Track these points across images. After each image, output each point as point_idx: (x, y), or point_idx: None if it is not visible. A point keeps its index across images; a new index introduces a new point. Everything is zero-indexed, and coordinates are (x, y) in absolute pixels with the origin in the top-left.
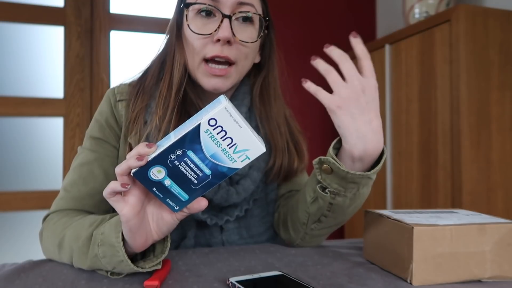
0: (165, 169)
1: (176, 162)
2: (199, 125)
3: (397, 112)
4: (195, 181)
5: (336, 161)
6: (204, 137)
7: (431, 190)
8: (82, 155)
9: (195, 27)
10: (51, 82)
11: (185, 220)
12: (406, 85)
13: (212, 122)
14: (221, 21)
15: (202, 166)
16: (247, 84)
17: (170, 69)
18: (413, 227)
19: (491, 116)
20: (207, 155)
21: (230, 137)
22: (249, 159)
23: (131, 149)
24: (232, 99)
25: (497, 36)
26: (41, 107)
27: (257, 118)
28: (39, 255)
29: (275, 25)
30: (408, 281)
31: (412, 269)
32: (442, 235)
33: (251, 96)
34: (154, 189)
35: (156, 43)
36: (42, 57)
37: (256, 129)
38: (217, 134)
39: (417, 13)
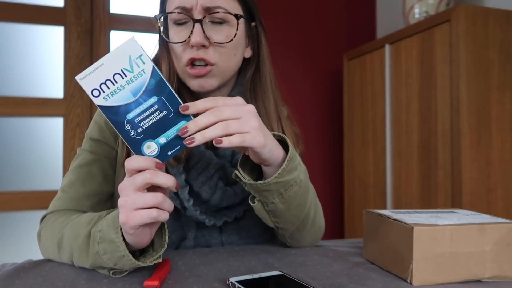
0: (145, 141)
1: (139, 129)
2: (99, 107)
3: (397, 112)
4: (165, 112)
5: (239, 174)
6: (112, 102)
7: (431, 190)
8: (81, 157)
9: (173, 36)
10: (51, 82)
11: (184, 221)
12: (406, 85)
13: (96, 93)
14: (193, 27)
15: (146, 105)
16: (241, 83)
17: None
18: (413, 227)
19: (491, 116)
20: (134, 99)
21: (115, 74)
22: (142, 55)
23: (128, 152)
24: None
25: (497, 36)
26: (41, 107)
27: None
28: (39, 255)
29: (275, 25)
30: (408, 281)
31: (412, 269)
32: (442, 235)
33: (245, 94)
34: (168, 153)
35: (155, 43)
36: (42, 57)
37: None
38: (109, 88)
39: (417, 13)
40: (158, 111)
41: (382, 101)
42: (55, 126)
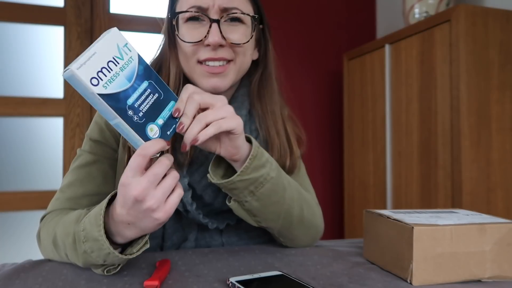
0: (147, 124)
1: (140, 113)
2: (92, 92)
3: (397, 112)
4: (156, 95)
5: (209, 174)
6: (111, 89)
7: (431, 190)
8: (81, 158)
9: (185, 35)
10: (51, 82)
11: (186, 223)
12: (406, 85)
13: (95, 81)
14: (210, 26)
15: (140, 89)
16: (246, 85)
17: (167, 74)
18: (413, 227)
19: (491, 116)
20: (130, 85)
21: (108, 61)
22: (127, 43)
23: (129, 153)
24: (232, 101)
25: (497, 36)
26: (41, 107)
27: (255, 120)
28: (39, 255)
29: (275, 25)
30: (408, 281)
31: (412, 269)
32: (442, 235)
33: (250, 96)
34: (168, 133)
35: (156, 43)
36: (42, 57)
37: (256, 131)
38: (106, 76)
39: (417, 13)
40: (151, 94)
41: (382, 101)
42: (55, 126)
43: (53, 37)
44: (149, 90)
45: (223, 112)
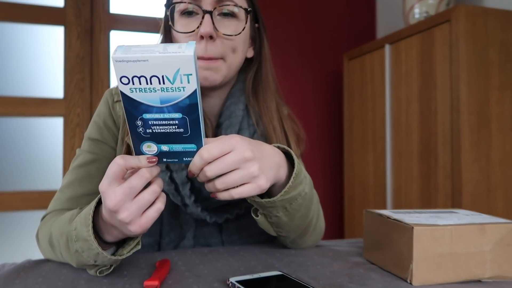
0: (148, 141)
1: (149, 130)
2: (120, 92)
3: (397, 112)
4: (181, 130)
5: None
6: (136, 96)
7: (431, 190)
8: (80, 157)
9: (180, 27)
10: (51, 82)
11: (184, 220)
12: (406, 85)
13: (125, 80)
14: (203, 17)
15: (167, 115)
16: (242, 80)
17: None
18: (413, 227)
19: (491, 116)
20: (159, 106)
21: (153, 76)
22: (191, 74)
23: (127, 149)
24: (229, 97)
25: (497, 36)
26: (41, 107)
27: (252, 115)
28: (39, 255)
29: (275, 25)
30: (408, 281)
31: (412, 269)
32: (442, 235)
33: (246, 92)
34: (164, 160)
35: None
36: (42, 57)
37: (253, 127)
38: (141, 84)
39: (417, 13)
40: (176, 126)
41: (382, 101)
42: (55, 126)
43: (53, 37)
44: (176, 122)
45: (246, 176)
